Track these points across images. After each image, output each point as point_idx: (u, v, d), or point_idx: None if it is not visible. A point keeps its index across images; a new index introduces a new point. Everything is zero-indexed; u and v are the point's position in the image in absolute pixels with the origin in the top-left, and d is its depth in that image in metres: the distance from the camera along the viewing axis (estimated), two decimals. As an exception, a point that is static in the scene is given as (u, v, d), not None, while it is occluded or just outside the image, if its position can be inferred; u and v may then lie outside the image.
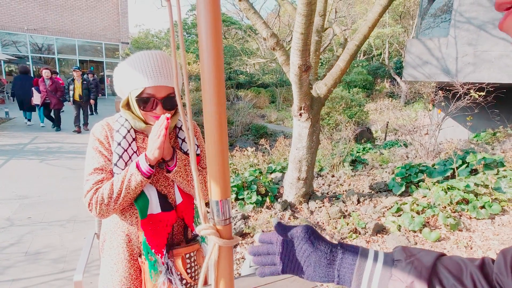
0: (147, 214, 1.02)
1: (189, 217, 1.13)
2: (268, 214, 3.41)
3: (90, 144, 1.04)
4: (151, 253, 1.03)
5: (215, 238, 0.51)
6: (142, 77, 0.95)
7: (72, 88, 7.51)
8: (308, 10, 2.63)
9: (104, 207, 0.97)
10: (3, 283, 2.16)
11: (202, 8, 0.46)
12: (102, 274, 1.09)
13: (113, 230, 1.08)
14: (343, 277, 0.49)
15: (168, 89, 0.99)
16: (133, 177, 0.96)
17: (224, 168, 0.51)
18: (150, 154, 0.96)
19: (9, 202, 3.49)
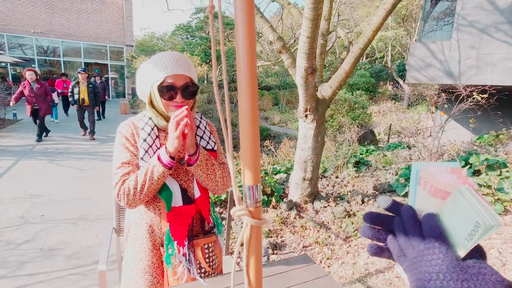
0: (171, 207, 1.10)
1: (206, 210, 1.21)
2: (274, 213, 3.48)
3: (117, 141, 1.12)
4: (172, 244, 1.11)
5: (248, 218, 0.59)
6: (162, 68, 1.05)
7: (76, 91, 6.84)
8: (315, 14, 2.71)
9: (131, 197, 1.05)
10: (21, 278, 2.24)
11: (239, 21, 0.53)
12: (126, 263, 1.17)
13: (137, 221, 1.15)
14: None
15: (186, 78, 1.08)
16: (155, 169, 1.03)
17: (256, 157, 0.58)
18: (170, 145, 1.03)
19: (22, 201, 3.59)
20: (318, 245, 2.94)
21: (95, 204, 3.65)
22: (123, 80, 18.82)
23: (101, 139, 7.38)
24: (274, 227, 3.24)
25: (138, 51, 16.10)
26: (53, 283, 2.20)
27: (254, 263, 0.63)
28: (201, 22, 16.85)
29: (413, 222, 0.38)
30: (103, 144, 6.96)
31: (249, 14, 0.54)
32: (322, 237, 3.05)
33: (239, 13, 0.54)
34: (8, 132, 7.49)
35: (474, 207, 0.32)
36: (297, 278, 1.17)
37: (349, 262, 2.69)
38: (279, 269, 1.22)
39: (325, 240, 3.01)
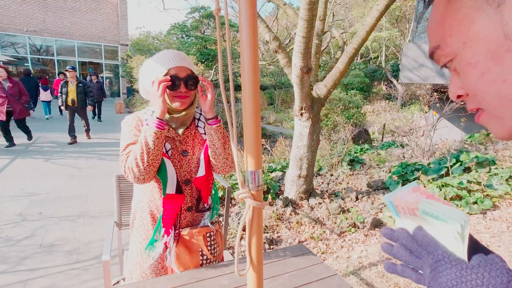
0: (166, 193, 1.15)
1: (205, 190, 1.26)
2: (270, 210, 3.54)
3: (123, 130, 1.19)
4: (160, 230, 1.16)
5: (251, 200, 0.65)
6: (165, 62, 1.13)
7: (65, 91, 6.28)
8: (310, 15, 2.78)
9: (136, 170, 1.07)
10: (22, 273, 2.27)
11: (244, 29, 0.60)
12: (131, 248, 1.22)
13: (142, 209, 1.21)
14: None
15: (188, 70, 1.16)
16: (147, 133, 1.07)
17: (257, 145, 0.65)
18: (156, 106, 1.09)
19: (19, 199, 3.60)
20: (313, 240, 3.02)
21: (93, 202, 3.67)
22: (117, 80, 18.74)
23: (97, 140, 7.37)
24: (270, 223, 3.31)
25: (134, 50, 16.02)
26: (54, 277, 2.24)
27: (256, 242, 0.69)
28: (197, 22, 16.84)
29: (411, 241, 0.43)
30: (99, 143, 6.96)
31: (253, 20, 0.60)
32: (317, 233, 3.13)
33: (244, 19, 0.60)
34: (2, 131, 7.43)
35: (441, 215, 0.38)
36: (293, 265, 1.23)
37: (343, 256, 2.77)
38: (277, 257, 1.29)
39: (320, 235, 3.09)
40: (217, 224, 1.30)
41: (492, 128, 0.40)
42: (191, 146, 1.24)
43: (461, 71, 0.39)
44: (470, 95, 0.39)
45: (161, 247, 1.16)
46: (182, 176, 1.21)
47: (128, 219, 1.73)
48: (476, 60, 0.37)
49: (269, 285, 1.10)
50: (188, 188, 1.22)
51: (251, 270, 0.70)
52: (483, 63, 0.37)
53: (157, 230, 1.16)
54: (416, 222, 0.43)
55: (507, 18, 0.33)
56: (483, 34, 0.36)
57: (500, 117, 0.38)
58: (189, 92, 1.16)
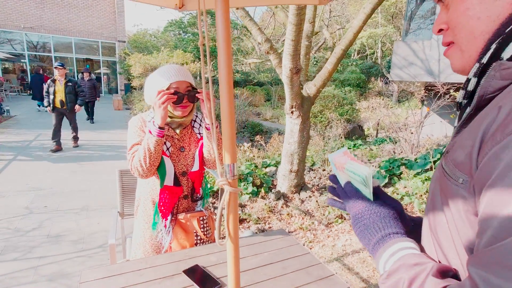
0: (164, 184, 1.36)
1: (198, 182, 1.47)
2: (263, 203, 3.76)
3: (130, 130, 1.39)
4: (158, 215, 1.37)
5: (228, 187, 0.85)
6: (169, 76, 1.32)
7: (52, 91, 5.50)
8: (298, 19, 2.97)
9: (140, 169, 1.29)
10: (32, 260, 2.48)
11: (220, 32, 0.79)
12: (135, 232, 1.43)
13: (144, 197, 1.42)
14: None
15: (187, 83, 1.35)
16: (149, 140, 1.27)
17: (232, 144, 0.85)
18: (157, 116, 1.27)
19: (25, 194, 3.79)
20: (302, 231, 3.23)
21: (95, 196, 3.87)
22: (115, 76, 18.80)
23: (97, 136, 7.54)
24: (263, 215, 3.52)
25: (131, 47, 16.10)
26: (62, 264, 2.45)
27: (232, 219, 0.89)
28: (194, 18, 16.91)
29: (342, 190, 0.64)
30: (99, 139, 7.13)
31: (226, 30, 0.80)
32: (306, 223, 3.35)
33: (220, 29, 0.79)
34: (2, 128, 7.59)
35: (356, 171, 0.58)
36: (273, 246, 1.44)
37: (329, 244, 2.99)
38: (259, 240, 1.49)
39: (309, 226, 3.31)
40: (209, 210, 1.50)
41: (453, 60, 0.50)
42: (187, 143, 1.44)
43: (452, 5, 0.48)
44: (450, 29, 0.49)
45: (163, 228, 1.37)
46: (179, 169, 1.41)
47: (129, 209, 1.93)
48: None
49: (251, 261, 1.30)
50: (184, 179, 1.42)
51: (229, 241, 0.90)
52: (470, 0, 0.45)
53: (155, 214, 1.37)
54: (345, 176, 0.64)
55: None
56: None
57: (463, 50, 0.48)
58: (189, 102, 1.36)
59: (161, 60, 8.54)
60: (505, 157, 0.34)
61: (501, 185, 0.35)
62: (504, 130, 0.36)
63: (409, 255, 0.47)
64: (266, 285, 1.16)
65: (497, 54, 0.43)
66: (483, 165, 0.38)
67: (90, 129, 8.15)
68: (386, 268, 0.49)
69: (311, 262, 1.32)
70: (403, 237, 0.52)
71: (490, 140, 0.38)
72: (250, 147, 5.56)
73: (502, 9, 0.42)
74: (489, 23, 0.44)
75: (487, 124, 0.39)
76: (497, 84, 0.42)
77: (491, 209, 0.36)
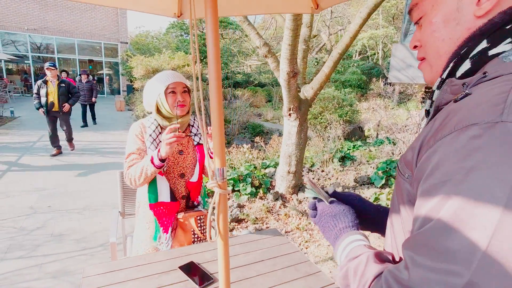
0: (157, 200, 1.46)
1: (196, 192, 1.57)
2: (261, 203, 3.83)
3: (129, 137, 1.48)
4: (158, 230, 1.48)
5: (218, 189, 0.93)
6: (166, 79, 1.43)
7: (44, 93, 5.14)
8: (294, 25, 3.04)
9: (133, 183, 1.42)
10: (37, 258, 2.57)
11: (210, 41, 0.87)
12: (137, 231, 1.51)
13: (144, 201, 1.50)
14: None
15: (182, 84, 1.46)
16: (148, 167, 1.37)
17: (222, 149, 0.93)
18: (162, 150, 1.35)
19: (29, 194, 3.89)
20: (299, 231, 3.31)
21: (97, 196, 3.96)
22: (117, 77, 18.95)
23: (99, 137, 7.65)
24: (260, 215, 3.59)
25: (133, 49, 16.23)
26: (65, 262, 2.54)
27: (222, 218, 0.97)
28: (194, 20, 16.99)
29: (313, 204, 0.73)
30: (101, 140, 7.24)
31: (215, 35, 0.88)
32: (303, 224, 3.42)
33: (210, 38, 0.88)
34: (7, 129, 7.72)
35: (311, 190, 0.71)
36: (265, 244, 1.52)
37: (325, 244, 3.06)
38: (252, 238, 1.57)
39: (305, 226, 3.38)
40: (207, 210, 1.59)
41: (425, 73, 0.57)
42: (186, 147, 1.54)
43: (423, 26, 0.54)
44: (422, 46, 0.56)
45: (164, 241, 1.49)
46: (178, 171, 1.50)
47: (130, 209, 2.02)
48: (435, 20, 0.51)
49: (243, 259, 1.38)
50: (182, 181, 1.51)
51: (219, 238, 0.98)
52: (437, 23, 0.51)
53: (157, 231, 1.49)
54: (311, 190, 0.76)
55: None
56: (445, 3, 0.50)
57: (432, 65, 0.55)
58: (186, 101, 1.47)
59: (162, 62, 8.64)
60: (434, 159, 0.42)
61: (429, 182, 0.42)
62: (435, 137, 0.43)
63: (356, 247, 0.56)
64: (256, 281, 1.23)
65: (453, 71, 0.51)
66: (419, 165, 0.45)
67: (92, 130, 8.26)
68: (341, 261, 0.57)
69: (300, 259, 1.39)
70: (352, 230, 0.61)
71: (425, 145, 0.45)
72: (249, 149, 5.64)
73: (461, 33, 0.49)
74: (451, 44, 0.51)
75: (427, 131, 0.47)
76: (448, 97, 0.49)
77: (421, 201, 0.43)
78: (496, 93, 0.40)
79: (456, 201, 0.37)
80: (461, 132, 0.40)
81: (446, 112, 0.46)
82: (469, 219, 0.36)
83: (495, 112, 0.38)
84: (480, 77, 0.45)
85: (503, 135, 0.36)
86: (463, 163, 0.38)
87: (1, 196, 3.76)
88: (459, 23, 0.49)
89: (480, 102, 0.41)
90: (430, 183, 0.41)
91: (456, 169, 0.38)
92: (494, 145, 0.36)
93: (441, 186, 0.39)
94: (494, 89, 0.41)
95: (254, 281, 1.23)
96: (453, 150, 0.39)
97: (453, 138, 0.40)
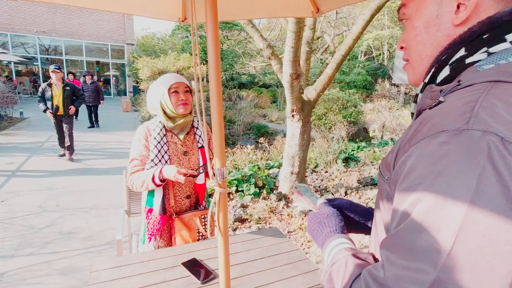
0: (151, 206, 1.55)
1: (202, 195, 1.64)
2: (264, 203, 3.88)
3: (134, 141, 1.55)
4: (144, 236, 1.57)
5: (218, 188, 0.98)
6: (168, 80, 1.52)
7: (48, 96, 5.08)
8: (297, 27, 3.08)
9: (134, 189, 1.52)
10: (46, 255, 2.65)
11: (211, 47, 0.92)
12: (142, 231, 1.57)
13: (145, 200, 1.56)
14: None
15: (184, 84, 1.55)
16: (149, 183, 1.46)
17: (222, 150, 0.97)
18: (166, 174, 1.43)
19: (38, 193, 3.99)
20: (302, 230, 3.34)
21: (104, 195, 4.05)
22: (124, 78, 19.18)
23: (105, 138, 7.76)
24: (264, 215, 3.64)
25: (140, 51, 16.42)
26: (73, 259, 2.61)
27: (222, 216, 1.02)
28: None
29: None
30: (107, 141, 7.35)
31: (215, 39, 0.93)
32: (305, 224, 3.45)
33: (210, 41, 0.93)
34: (16, 130, 7.89)
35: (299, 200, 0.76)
36: (265, 242, 1.56)
37: (327, 244, 3.08)
38: (253, 237, 1.62)
39: (308, 226, 3.41)
40: (207, 210, 1.64)
41: (408, 75, 0.59)
42: (191, 148, 1.61)
43: (408, 29, 0.55)
44: (406, 49, 0.57)
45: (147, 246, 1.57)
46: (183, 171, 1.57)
47: (135, 208, 2.08)
48: (417, 25, 0.53)
49: (243, 256, 1.43)
50: (186, 180, 1.57)
51: (219, 234, 1.02)
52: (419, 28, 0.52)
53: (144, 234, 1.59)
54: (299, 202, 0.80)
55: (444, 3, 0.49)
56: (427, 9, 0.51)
57: (414, 68, 0.56)
58: (188, 100, 1.54)
59: (168, 63, 8.74)
60: (408, 163, 0.44)
61: (403, 185, 0.44)
62: (410, 142, 0.46)
63: (338, 251, 0.59)
64: (255, 277, 1.28)
65: (435, 76, 0.53)
66: (397, 168, 0.48)
67: (99, 131, 8.39)
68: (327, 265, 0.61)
69: (299, 257, 1.43)
70: (336, 234, 0.64)
71: (402, 149, 0.48)
72: (253, 149, 5.69)
73: (441, 39, 0.51)
74: (432, 49, 0.52)
75: (404, 136, 0.50)
76: (428, 102, 0.52)
77: (396, 203, 0.46)
78: (465, 102, 0.42)
79: (425, 203, 0.40)
80: (432, 138, 0.42)
81: (421, 118, 0.48)
82: (436, 220, 0.38)
83: (462, 120, 0.40)
84: (454, 85, 0.47)
85: (468, 142, 0.38)
86: (432, 167, 0.40)
87: (12, 195, 3.87)
88: (439, 29, 0.51)
89: (450, 110, 0.43)
90: (404, 185, 0.44)
91: (427, 173, 0.40)
92: (459, 152, 0.38)
93: (413, 189, 0.42)
94: (465, 98, 0.43)
95: (253, 278, 1.27)
96: (424, 155, 0.42)
97: (425, 143, 0.43)
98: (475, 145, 0.37)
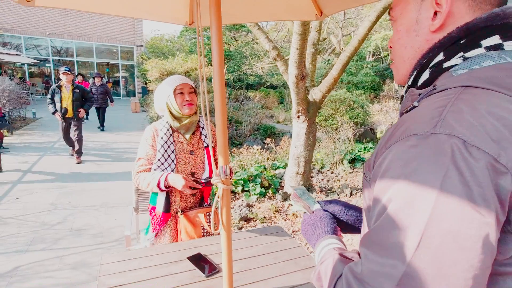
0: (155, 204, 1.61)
1: (208, 193, 1.70)
2: (270, 203, 3.92)
3: (142, 141, 1.62)
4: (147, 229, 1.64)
5: (221, 184, 1.03)
6: (174, 82, 1.59)
7: (58, 99, 5.06)
8: (302, 29, 3.12)
9: (140, 187, 1.59)
10: (58, 250, 2.74)
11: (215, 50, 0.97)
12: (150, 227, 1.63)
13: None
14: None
15: (189, 85, 1.62)
16: (154, 187, 1.53)
17: (225, 148, 1.02)
18: (172, 182, 1.50)
19: (50, 191, 4.12)
20: (306, 230, 3.37)
21: (113, 194, 4.15)
22: (133, 79, 19.46)
23: (114, 138, 7.91)
24: (269, 215, 3.68)
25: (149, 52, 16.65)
26: (83, 255, 2.70)
27: (225, 212, 1.07)
28: (209, 23, 17.28)
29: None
30: (116, 141, 7.50)
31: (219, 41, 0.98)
32: (310, 224, 3.48)
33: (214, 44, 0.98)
34: (30, 130, 8.11)
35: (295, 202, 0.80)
36: (268, 239, 1.61)
37: (331, 244, 3.11)
38: (256, 234, 1.66)
39: (313, 226, 3.43)
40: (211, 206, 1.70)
41: (394, 74, 0.62)
42: (196, 147, 1.67)
43: (393, 30, 0.58)
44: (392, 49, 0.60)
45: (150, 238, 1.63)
46: (188, 170, 1.63)
47: (143, 206, 2.14)
48: (400, 28, 0.56)
49: (246, 252, 1.47)
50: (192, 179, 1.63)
51: (222, 229, 1.07)
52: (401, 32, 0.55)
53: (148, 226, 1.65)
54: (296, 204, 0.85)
55: (422, 10, 0.52)
56: (409, 14, 0.54)
57: (398, 69, 0.59)
58: (193, 100, 1.61)
59: (176, 65, 8.86)
60: (383, 165, 0.47)
61: (380, 185, 0.47)
62: (386, 145, 0.49)
63: (327, 251, 0.62)
64: (257, 272, 1.32)
65: (416, 79, 0.55)
66: (375, 168, 0.51)
67: (108, 131, 8.56)
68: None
69: (300, 254, 1.47)
70: (327, 235, 0.68)
71: (380, 151, 0.51)
72: (260, 150, 5.73)
73: (421, 44, 0.54)
74: (413, 52, 0.55)
75: (382, 139, 0.52)
76: (408, 105, 0.54)
77: (374, 202, 0.49)
78: (436, 106, 0.44)
79: (396, 202, 0.42)
80: (404, 141, 0.44)
81: (397, 122, 0.51)
82: (405, 219, 0.41)
83: (431, 124, 0.42)
84: (430, 90, 0.50)
85: (434, 145, 0.40)
86: (403, 169, 0.42)
87: (25, 193, 4.00)
88: (418, 34, 0.54)
89: (422, 115, 0.45)
90: (380, 186, 0.47)
91: (398, 175, 0.43)
92: (426, 154, 0.40)
93: (387, 189, 0.44)
94: (436, 102, 0.45)
95: (256, 272, 1.32)
96: (396, 158, 0.44)
97: (398, 146, 0.45)
98: (441, 148, 0.40)
